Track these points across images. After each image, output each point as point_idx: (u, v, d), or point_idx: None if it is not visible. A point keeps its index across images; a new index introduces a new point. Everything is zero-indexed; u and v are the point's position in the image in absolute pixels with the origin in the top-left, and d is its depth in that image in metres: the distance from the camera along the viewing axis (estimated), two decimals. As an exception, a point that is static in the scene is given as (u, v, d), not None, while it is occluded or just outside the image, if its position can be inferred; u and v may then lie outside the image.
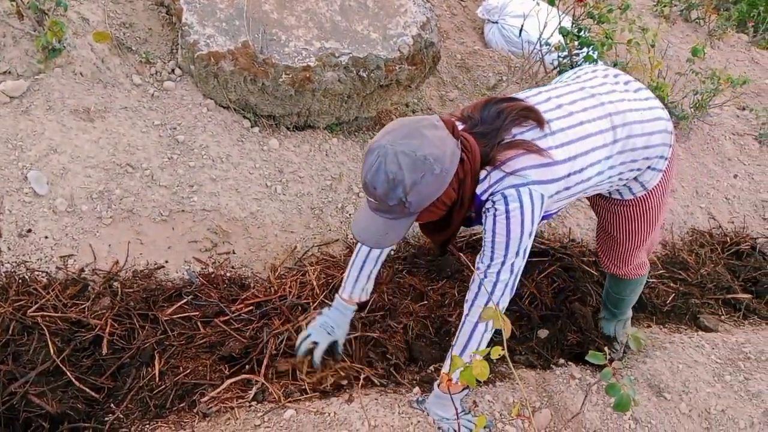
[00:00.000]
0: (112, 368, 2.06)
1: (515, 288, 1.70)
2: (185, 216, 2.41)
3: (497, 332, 1.29)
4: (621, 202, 1.95)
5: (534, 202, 1.57)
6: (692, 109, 3.80)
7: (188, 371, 2.07)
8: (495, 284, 1.66)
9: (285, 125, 2.78)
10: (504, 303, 1.69)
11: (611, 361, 1.08)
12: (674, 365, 2.37)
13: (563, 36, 3.37)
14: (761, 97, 4.83)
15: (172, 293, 2.29)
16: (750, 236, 3.49)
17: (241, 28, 2.59)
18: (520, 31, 3.79)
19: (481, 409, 2.05)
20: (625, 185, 1.89)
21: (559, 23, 3.37)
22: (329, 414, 1.93)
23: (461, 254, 1.80)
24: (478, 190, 1.63)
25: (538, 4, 3.70)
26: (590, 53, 3.41)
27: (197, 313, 2.24)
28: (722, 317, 2.95)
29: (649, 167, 1.83)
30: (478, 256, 1.71)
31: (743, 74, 4.74)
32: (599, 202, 2.06)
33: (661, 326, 2.79)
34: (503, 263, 1.63)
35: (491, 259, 1.65)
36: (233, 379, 2.05)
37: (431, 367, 2.32)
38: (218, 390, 2.02)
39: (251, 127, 2.68)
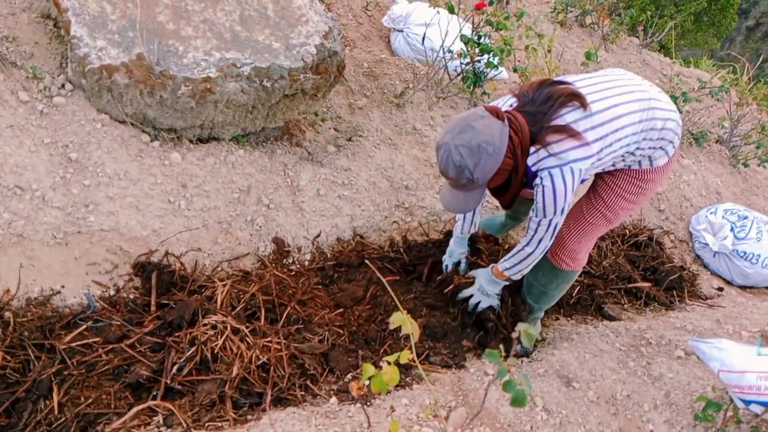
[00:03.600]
0: (6, 404, 1.92)
1: (554, 237, 2.22)
2: (82, 238, 2.29)
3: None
4: (627, 170, 2.31)
5: (574, 177, 2.03)
6: (589, 110, 3.98)
7: (90, 401, 1.97)
8: (543, 235, 2.20)
9: (188, 138, 2.69)
10: (548, 244, 2.24)
11: (506, 357, 1.10)
12: (581, 355, 2.47)
13: (464, 43, 3.46)
14: (652, 97, 5.13)
15: (71, 320, 2.17)
16: (647, 228, 3.69)
17: (135, 40, 2.49)
18: (423, 39, 3.86)
19: (397, 414, 2.06)
20: (639, 160, 2.25)
21: (460, 31, 3.45)
22: (242, 433, 1.88)
23: (381, 276, 1.90)
24: (529, 162, 2.08)
25: (438, 12, 3.78)
26: (491, 60, 3.52)
27: (98, 338, 2.13)
28: (625, 306, 3.11)
29: (660, 147, 2.21)
30: (531, 210, 2.20)
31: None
32: (605, 171, 2.35)
33: (569, 318, 2.91)
34: (550, 220, 2.15)
35: (543, 215, 2.14)
36: (139, 407, 1.96)
37: (348, 376, 2.31)
38: (124, 419, 1.92)
39: (151, 141, 2.58)
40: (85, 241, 2.30)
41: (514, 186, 2.16)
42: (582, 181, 2.14)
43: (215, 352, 2.14)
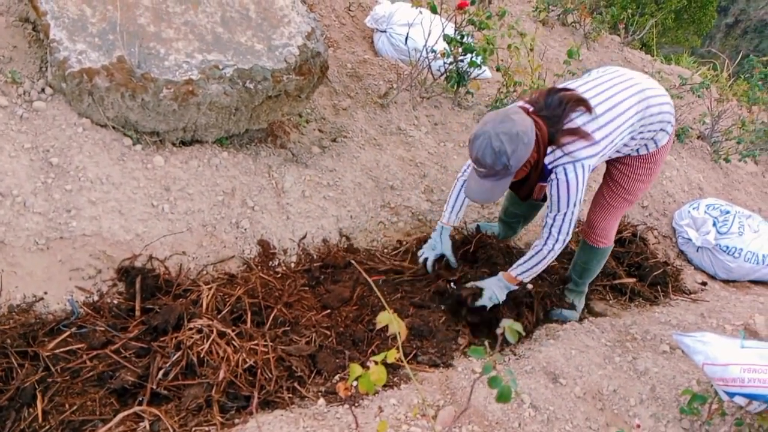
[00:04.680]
0: (-11, 413, 1.90)
1: (572, 229, 2.42)
2: (64, 243, 2.27)
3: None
4: (637, 156, 2.59)
5: (584, 172, 2.30)
6: (572, 108, 4.01)
7: (75, 408, 1.95)
8: (560, 227, 2.40)
9: (170, 141, 2.67)
10: (567, 237, 2.43)
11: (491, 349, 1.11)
12: (567, 351, 2.48)
13: (447, 43, 3.47)
14: (634, 94, 5.17)
15: (54, 326, 2.15)
16: (631, 224, 3.72)
17: (115, 43, 2.47)
18: (406, 39, 3.86)
19: (386, 414, 2.06)
20: (644, 144, 2.53)
21: (443, 31, 3.46)
22: (230, 437, 1.87)
23: (367, 276, 1.90)
24: (546, 160, 2.33)
25: (420, 12, 3.78)
26: (474, 59, 3.53)
27: (83, 345, 2.11)
28: (610, 302, 3.13)
29: (661, 129, 2.48)
30: (547, 209, 2.43)
31: (617, 73, 5.06)
32: (618, 160, 2.63)
33: (555, 315, 2.92)
34: (564, 213, 2.37)
35: (557, 210, 2.37)
36: (125, 413, 1.94)
37: (336, 377, 2.31)
38: (109, 425, 1.90)
39: (133, 145, 2.56)
40: (68, 247, 2.27)
41: (532, 179, 2.39)
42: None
43: (201, 356, 2.12)
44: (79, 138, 2.44)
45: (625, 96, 2.37)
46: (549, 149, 2.31)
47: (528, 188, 2.48)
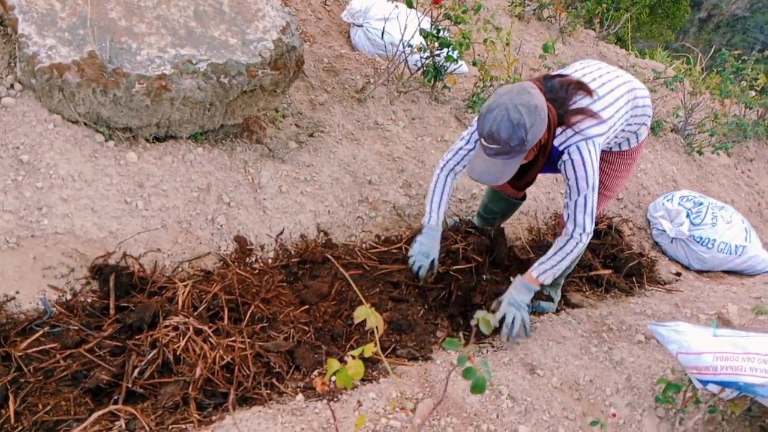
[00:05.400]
0: (-41, 416, 1.86)
1: (595, 214, 2.33)
2: (36, 241, 2.23)
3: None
4: (619, 152, 2.61)
5: (596, 149, 2.24)
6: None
7: (49, 408, 1.92)
8: (584, 209, 2.29)
9: (144, 137, 2.64)
10: (592, 223, 2.33)
11: (466, 340, 1.11)
12: (545, 343, 2.51)
13: (424, 37, 3.47)
14: (609, 88, 5.22)
15: (26, 326, 2.11)
16: (606, 216, 3.76)
17: (86, 38, 2.43)
18: (382, 33, 3.85)
19: (365, 408, 2.06)
20: (626, 137, 2.54)
21: (419, 25, 3.46)
22: (207, 434, 1.86)
23: (343, 269, 1.89)
24: (556, 142, 2.26)
25: (396, 7, 3.78)
26: (450, 53, 3.54)
27: (56, 344, 2.08)
28: (586, 293, 3.16)
29: (643, 123, 2.53)
30: (565, 197, 2.36)
31: (592, 67, 5.11)
32: (599, 156, 2.53)
33: (532, 307, 2.93)
34: (585, 195, 2.27)
35: (577, 193, 2.27)
36: (100, 412, 1.92)
37: (315, 372, 2.30)
38: (84, 425, 1.88)
39: (105, 141, 2.52)
40: (40, 245, 2.23)
41: (539, 162, 2.31)
42: None
43: (177, 353, 2.10)
44: (49, 135, 2.40)
45: (617, 84, 2.38)
46: (559, 130, 2.24)
47: (533, 174, 2.39)
